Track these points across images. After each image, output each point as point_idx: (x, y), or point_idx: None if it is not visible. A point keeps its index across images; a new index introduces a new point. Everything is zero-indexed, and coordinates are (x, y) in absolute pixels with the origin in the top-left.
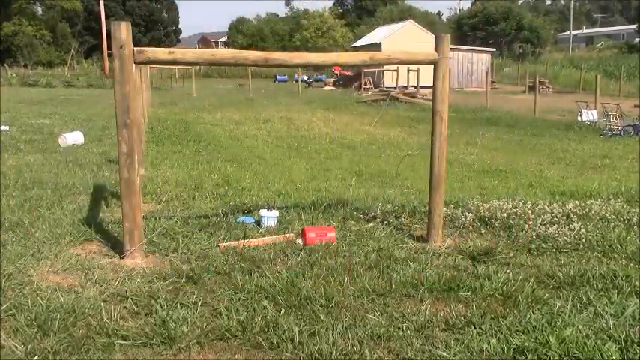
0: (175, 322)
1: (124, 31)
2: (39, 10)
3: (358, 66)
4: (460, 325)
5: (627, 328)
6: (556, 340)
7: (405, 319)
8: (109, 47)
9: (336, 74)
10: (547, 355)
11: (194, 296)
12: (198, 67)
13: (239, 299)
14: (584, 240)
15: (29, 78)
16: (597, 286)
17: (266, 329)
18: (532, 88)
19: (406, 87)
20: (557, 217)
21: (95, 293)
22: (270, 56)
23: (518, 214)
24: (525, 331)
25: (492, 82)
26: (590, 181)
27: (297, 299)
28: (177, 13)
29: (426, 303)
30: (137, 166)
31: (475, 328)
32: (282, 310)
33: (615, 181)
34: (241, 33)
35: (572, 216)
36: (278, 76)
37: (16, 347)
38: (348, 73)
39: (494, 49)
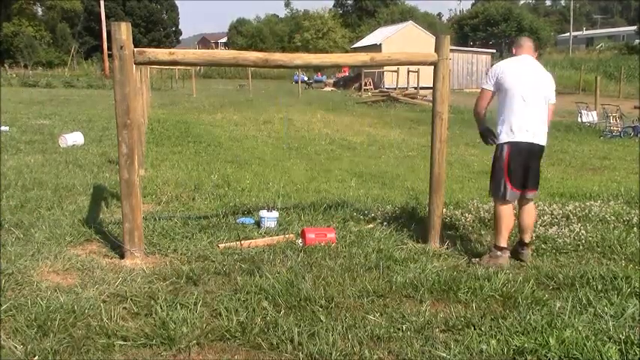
0: (175, 323)
1: (124, 31)
2: (39, 11)
3: (358, 67)
4: (460, 326)
5: (627, 330)
6: (556, 341)
7: (404, 320)
8: (109, 48)
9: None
10: (547, 357)
11: (194, 297)
12: (198, 67)
13: (239, 300)
14: (584, 241)
15: (29, 78)
16: (597, 287)
17: (266, 330)
18: None
19: (406, 88)
20: (557, 218)
21: (95, 294)
22: (270, 57)
23: None
24: (525, 332)
25: None
26: (590, 183)
27: (296, 300)
28: (177, 13)
29: (426, 304)
30: (137, 166)
31: (475, 329)
32: (282, 311)
33: (615, 183)
34: (241, 34)
35: (571, 217)
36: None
37: (16, 347)
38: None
39: (495, 50)
